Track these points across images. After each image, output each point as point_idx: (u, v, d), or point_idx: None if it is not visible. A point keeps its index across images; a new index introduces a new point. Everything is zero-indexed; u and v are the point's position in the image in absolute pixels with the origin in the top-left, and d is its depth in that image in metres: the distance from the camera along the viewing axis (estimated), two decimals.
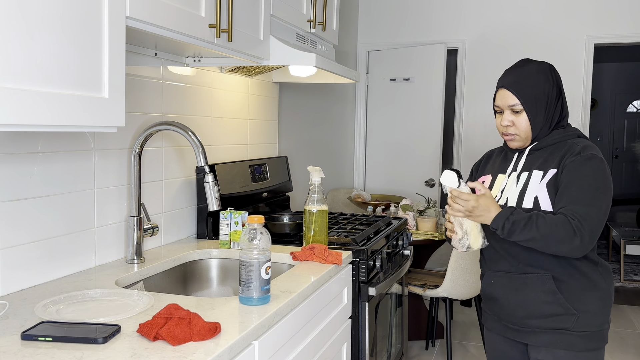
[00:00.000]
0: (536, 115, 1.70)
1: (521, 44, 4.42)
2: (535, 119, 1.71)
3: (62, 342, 1.14)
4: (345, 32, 4.41)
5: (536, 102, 1.70)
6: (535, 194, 1.68)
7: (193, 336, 1.17)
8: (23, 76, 1.04)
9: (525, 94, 1.70)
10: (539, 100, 1.70)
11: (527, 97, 1.70)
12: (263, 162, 2.68)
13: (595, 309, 1.69)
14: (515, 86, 1.71)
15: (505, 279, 1.76)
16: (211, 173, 1.79)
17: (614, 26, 4.24)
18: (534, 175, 1.71)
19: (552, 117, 1.73)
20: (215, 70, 2.40)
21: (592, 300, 1.69)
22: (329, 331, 1.84)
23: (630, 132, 10.32)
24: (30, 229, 1.52)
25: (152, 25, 1.42)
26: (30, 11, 1.05)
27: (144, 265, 1.80)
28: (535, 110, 1.70)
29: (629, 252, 5.53)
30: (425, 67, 4.47)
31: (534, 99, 1.70)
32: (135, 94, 1.92)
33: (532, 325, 1.72)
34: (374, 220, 2.68)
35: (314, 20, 2.48)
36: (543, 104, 1.70)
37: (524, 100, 1.69)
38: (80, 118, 1.17)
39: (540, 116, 1.71)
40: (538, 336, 1.71)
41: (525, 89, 1.70)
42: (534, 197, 1.68)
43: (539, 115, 1.71)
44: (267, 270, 1.43)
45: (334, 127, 4.24)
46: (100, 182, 1.78)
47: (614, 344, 3.86)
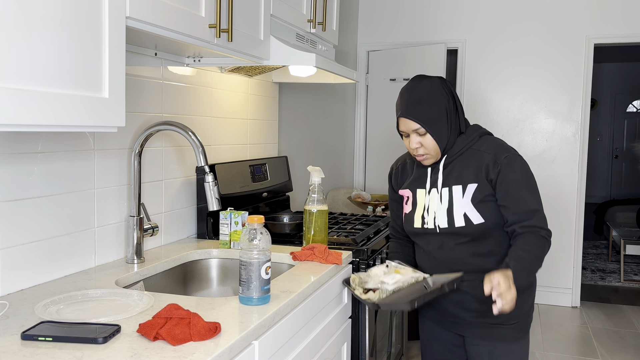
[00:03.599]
0: (440, 132, 1.74)
1: (521, 44, 4.42)
2: (440, 136, 1.75)
3: (62, 342, 1.14)
4: (345, 32, 4.41)
5: (437, 121, 1.73)
6: (463, 211, 1.75)
7: (193, 336, 1.17)
8: (23, 76, 1.04)
9: (425, 117, 1.73)
10: (439, 119, 1.74)
11: (427, 119, 1.73)
12: (263, 162, 2.68)
13: (521, 302, 1.78)
14: (413, 112, 1.73)
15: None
16: (211, 173, 1.79)
17: (614, 26, 4.24)
18: (454, 191, 1.77)
19: (455, 127, 1.79)
20: (215, 70, 2.40)
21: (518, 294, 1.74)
22: (329, 331, 1.84)
23: (630, 132, 10.32)
24: (30, 229, 1.52)
25: (152, 25, 1.42)
26: (31, 11, 1.05)
27: (144, 265, 1.80)
28: (438, 129, 1.74)
29: (629, 252, 5.53)
30: (425, 67, 4.47)
31: (434, 119, 1.73)
32: (135, 94, 1.92)
33: (467, 318, 1.82)
34: (374, 220, 2.68)
35: (314, 20, 2.48)
36: (444, 120, 1.74)
37: (425, 123, 1.72)
38: (81, 118, 1.17)
39: (444, 132, 1.75)
40: (474, 329, 1.83)
41: (423, 113, 1.73)
42: (462, 214, 1.75)
43: (442, 132, 1.75)
44: (267, 270, 1.43)
45: (334, 127, 4.24)
46: (100, 182, 1.78)
47: (614, 344, 3.86)
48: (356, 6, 4.70)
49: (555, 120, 4.41)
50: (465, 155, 1.78)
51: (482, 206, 1.74)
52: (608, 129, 10.42)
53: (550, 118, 4.42)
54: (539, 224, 1.71)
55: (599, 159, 10.50)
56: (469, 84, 4.55)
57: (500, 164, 1.73)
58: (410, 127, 1.75)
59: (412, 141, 1.77)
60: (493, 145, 1.78)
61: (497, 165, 1.73)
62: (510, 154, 1.75)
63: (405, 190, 1.90)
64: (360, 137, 4.77)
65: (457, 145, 1.79)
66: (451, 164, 1.80)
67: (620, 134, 10.37)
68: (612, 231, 6.18)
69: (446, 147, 1.77)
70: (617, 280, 5.52)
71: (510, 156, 1.74)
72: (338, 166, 4.40)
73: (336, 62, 2.50)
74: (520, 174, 1.73)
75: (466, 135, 1.79)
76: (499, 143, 1.79)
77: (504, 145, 1.79)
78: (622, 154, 10.39)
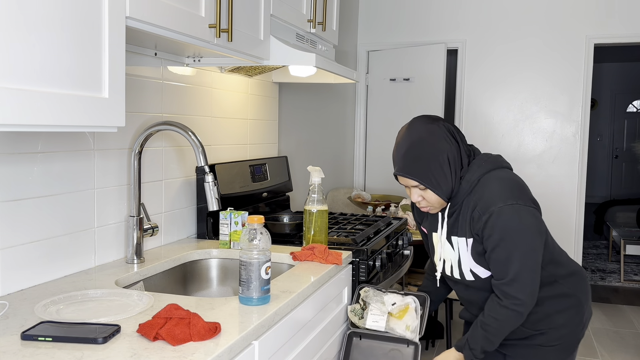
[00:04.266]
0: (441, 186, 1.61)
1: (521, 44, 4.42)
2: (443, 189, 1.62)
3: (62, 342, 1.14)
4: (345, 32, 4.41)
5: (437, 175, 1.60)
6: (469, 266, 1.68)
7: (193, 336, 1.17)
8: (23, 76, 1.04)
9: (423, 174, 1.60)
10: (439, 173, 1.60)
11: (426, 176, 1.60)
12: (263, 162, 2.68)
13: (565, 321, 1.73)
14: (411, 170, 1.61)
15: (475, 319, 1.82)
16: (211, 173, 1.79)
17: (614, 26, 4.24)
18: (460, 243, 1.67)
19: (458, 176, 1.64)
20: (215, 70, 2.40)
21: (561, 317, 1.73)
22: (329, 331, 1.84)
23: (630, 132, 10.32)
24: (30, 229, 1.52)
25: (152, 25, 1.42)
26: (31, 11, 1.05)
27: (144, 265, 1.80)
28: (439, 184, 1.61)
29: (629, 252, 5.54)
30: (425, 67, 4.47)
31: (434, 174, 1.60)
32: (135, 94, 1.92)
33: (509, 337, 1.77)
34: (374, 220, 2.68)
35: (314, 20, 2.48)
36: (446, 172, 1.60)
37: (424, 180, 1.60)
38: (81, 118, 1.17)
39: (447, 184, 1.62)
40: (514, 349, 1.78)
41: (421, 169, 1.60)
42: (469, 269, 1.68)
43: (444, 185, 1.61)
44: (267, 270, 1.43)
45: (334, 127, 4.24)
46: (100, 182, 1.78)
47: (614, 344, 3.86)
48: (356, 6, 4.70)
49: (555, 120, 4.41)
50: (465, 204, 1.64)
51: (483, 259, 1.65)
52: (608, 129, 10.42)
53: (550, 118, 4.42)
54: (511, 293, 1.58)
55: (599, 159, 10.50)
56: (469, 84, 4.55)
57: (483, 220, 1.57)
58: (409, 183, 1.64)
59: (413, 194, 1.66)
60: (486, 195, 1.59)
61: (480, 221, 1.58)
62: (496, 208, 1.55)
63: (424, 229, 1.85)
64: (360, 137, 4.77)
65: (460, 192, 1.64)
66: (455, 214, 1.68)
67: (620, 134, 10.37)
68: (612, 231, 6.18)
69: (451, 194, 1.65)
70: (617, 280, 5.52)
71: (495, 211, 1.55)
72: (338, 166, 4.40)
73: (336, 62, 2.50)
74: (500, 233, 1.55)
75: (467, 179, 1.63)
76: (493, 189, 1.59)
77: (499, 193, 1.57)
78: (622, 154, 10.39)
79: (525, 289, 1.58)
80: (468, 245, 1.65)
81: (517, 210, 1.55)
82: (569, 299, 1.73)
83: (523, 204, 1.56)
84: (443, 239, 1.72)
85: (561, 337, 1.73)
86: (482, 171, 1.63)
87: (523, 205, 1.56)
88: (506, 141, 4.50)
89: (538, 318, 1.71)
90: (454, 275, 1.74)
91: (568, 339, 1.74)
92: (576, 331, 1.75)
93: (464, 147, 1.65)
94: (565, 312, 1.73)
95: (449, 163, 1.60)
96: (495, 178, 1.61)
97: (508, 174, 1.65)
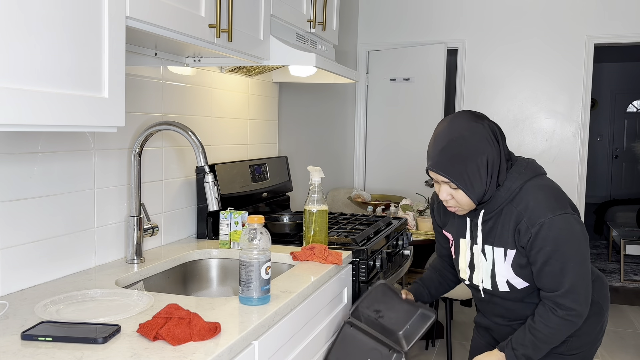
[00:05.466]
0: (475, 189, 1.52)
1: (521, 44, 4.42)
2: (475, 192, 1.53)
3: (62, 342, 1.14)
4: (345, 32, 4.41)
5: (473, 178, 1.51)
6: (506, 277, 1.60)
7: (193, 336, 1.17)
8: (23, 76, 1.04)
9: (459, 174, 1.51)
10: (476, 175, 1.51)
11: (461, 176, 1.51)
12: (263, 162, 2.68)
13: (587, 328, 1.69)
14: (445, 167, 1.52)
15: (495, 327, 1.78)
16: (211, 173, 1.79)
17: (614, 26, 4.24)
18: (496, 253, 1.60)
19: (494, 180, 1.55)
20: (215, 70, 2.40)
21: (584, 324, 1.68)
22: (329, 331, 1.84)
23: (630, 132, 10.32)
24: (30, 229, 1.52)
25: (152, 25, 1.42)
26: (31, 11, 1.05)
27: (144, 265, 1.80)
28: (471, 185, 1.52)
29: (629, 252, 5.54)
30: (425, 67, 4.47)
31: (469, 176, 1.51)
32: (135, 94, 1.92)
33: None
34: (374, 220, 2.68)
35: (314, 20, 2.48)
36: (483, 175, 1.52)
37: (458, 180, 1.51)
38: (81, 118, 1.17)
39: (480, 188, 1.53)
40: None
41: (457, 169, 1.51)
42: (505, 280, 1.61)
43: (478, 188, 1.52)
44: (267, 270, 1.43)
45: (334, 127, 4.24)
46: (100, 182, 1.78)
47: (614, 344, 3.86)
48: (356, 6, 4.70)
49: (555, 120, 4.41)
50: (505, 213, 1.56)
51: (525, 271, 1.58)
52: (608, 129, 10.42)
53: (550, 118, 4.42)
54: (566, 304, 1.52)
55: (599, 159, 10.50)
56: (469, 84, 4.55)
57: (532, 233, 1.50)
58: (439, 179, 1.55)
59: (442, 192, 1.57)
60: (532, 205, 1.52)
61: (529, 233, 1.51)
62: (546, 220, 1.49)
63: (449, 234, 1.76)
64: (360, 137, 4.77)
65: (497, 199, 1.55)
66: (491, 221, 1.60)
67: (620, 134, 10.37)
68: (612, 231, 6.18)
69: (483, 198, 1.55)
70: (617, 280, 5.52)
71: (546, 222, 1.49)
72: (338, 166, 4.40)
73: (336, 62, 2.50)
74: (553, 244, 1.49)
75: (507, 187, 1.55)
76: (539, 199, 1.52)
77: (546, 204, 1.51)
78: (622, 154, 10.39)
79: (581, 299, 1.53)
80: (507, 256, 1.58)
81: (567, 220, 1.50)
82: (593, 305, 1.69)
83: (570, 213, 1.52)
84: (477, 248, 1.64)
85: (582, 345, 1.68)
86: (523, 179, 1.56)
87: (570, 215, 1.51)
88: (506, 141, 4.50)
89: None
90: (484, 285, 1.67)
91: (588, 348, 1.70)
92: (596, 339, 1.71)
93: (505, 151, 1.57)
94: (587, 319, 1.68)
95: (487, 166, 1.51)
96: (537, 187, 1.55)
97: (548, 181, 1.60)
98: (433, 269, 1.95)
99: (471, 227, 1.65)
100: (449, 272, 1.93)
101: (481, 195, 1.54)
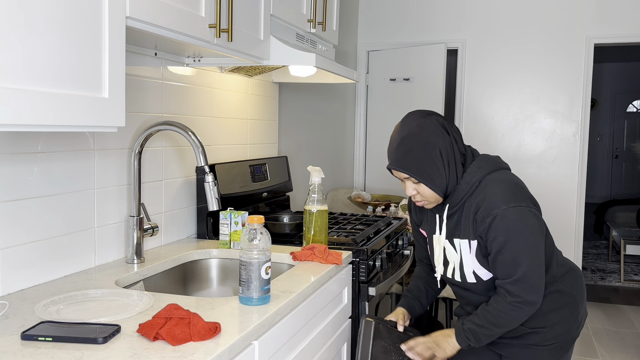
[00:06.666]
0: (435, 180, 1.59)
1: (521, 44, 4.42)
2: (437, 184, 1.60)
3: (62, 342, 1.14)
4: (345, 32, 4.41)
5: (429, 169, 1.58)
6: (472, 269, 1.67)
7: (193, 336, 1.17)
8: (23, 76, 1.04)
9: (415, 167, 1.59)
10: (432, 166, 1.58)
11: (418, 169, 1.59)
12: (263, 162, 2.68)
13: (560, 319, 1.73)
14: (402, 163, 1.60)
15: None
16: (211, 173, 1.79)
17: (614, 26, 4.24)
18: (462, 245, 1.67)
19: (455, 171, 1.62)
20: (215, 70, 2.40)
21: (557, 315, 1.73)
22: (329, 331, 1.84)
23: (630, 132, 10.33)
24: (30, 229, 1.52)
25: (152, 25, 1.42)
26: (31, 11, 1.05)
27: (144, 265, 1.80)
28: (432, 178, 1.59)
29: (629, 252, 5.54)
30: (425, 67, 4.47)
31: (426, 168, 1.58)
32: (135, 94, 1.92)
33: (505, 338, 1.77)
34: (374, 220, 2.68)
35: (314, 20, 2.48)
36: (439, 166, 1.59)
37: (415, 173, 1.59)
38: (81, 118, 1.17)
39: (440, 178, 1.60)
40: (510, 349, 1.77)
41: (413, 162, 1.59)
42: (472, 271, 1.68)
43: (438, 179, 1.60)
44: (267, 270, 1.43)
45: (334, 127, 4.24)
46: (100, 182, 1.78)
47: (614, 344, 3.86)
48: (356, 6, 4.70)
49: (555, 120, 4.41)
50: (467, 206, 1.63)
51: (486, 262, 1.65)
52: (608, 129, 10.42)
53: (550, 118, 4.42)
54: (515, 292, 1.58)
55: (599, 159, 10.50)
56: (469, 84, 4.55)
57: (487, 223, 1.57)
58: (401, 176, 1.64)
59: (407, 188, 1.65)
60: (488, 197, 1.58)
61: (484, 223, 1.58)
62: (500, 211, 1.55)
63: (424, 231, 1.83)
64: (360, 137, 4.77)
65: (459, 193, 1.63)
66: (455, 215, 1.67)
67: (620, 134, 10.37)
68: (612, 231, 6.18)
69: (447, 190, 1.63)
70: (617, 280, 5.52)
71: (499, 213, 1.55)
72: (338, 166, 4.40)
73: (336, 62, 2.50)
74: (505, 235, 1.55)
75: (467, 180, 1.62)
76: (495, 191, 1.58)
77: (502, 196, 1.57)
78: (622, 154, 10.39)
79: (530, 289, 1.59)
80: (471, 247, 1.65)
81: (521, 212, 1.56)
82: (564, 296, 1.74)
83: (525, 206, 1.57)
84: (444, 241, 1.71)
85: (557, 336, 1.73)
86: (482, 172, 1.63)
87: (525, 207, 1.57)
88: (506, 141, 4.50)
89: (533, 316, 1.72)
90: (454, 278, 1.74)
91: (563, 338, 1.74)
92: (571, 330, 1.75)
93: (459, 142, 1.64)
94: (560, 310, 1.73)
95: (441, 157, 1.59)
96: (496, 180, 1.61)
97: (508, 175, 1.66)
98: (417, 278, 1.97)
99: (439, 223, 1.72)
100: (432, 277, 1.94)
101: (444, 186, 1.61)
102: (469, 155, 1.67)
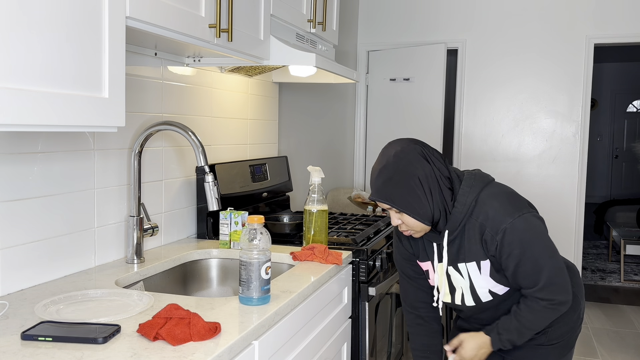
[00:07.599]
0: (418, 209, 1.54)
1: (521, 44, 4.42)
2: (420, 213, 1.55)
3: (62, 342, 1.14)
4: (345, 32, 4.41)
5: (410, 198, 1.53)
6: (487, 288, 1.64)
7: (193, 336, 1.17)
8: (24, 76, 1.04)
9: (395, 197, 1.54)
10: (412, 195, 1.53)
11: (398, 199, 1.54)
12: (263, 162, 2.68)
13: (564, 317, 1.73)
14: (382, 193, 1.55)
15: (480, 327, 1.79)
16: (211, 173, 1.79)
17: (614, 26, 4.24)
18: (470, 269, 1.63)
19: (442, 199, 1.56)
20: (215, 70, 2.40)
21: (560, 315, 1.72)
22: (329, 331, 1.84)
23: (630, 132, 10.33)
24: (30, 229, 1.52)
25: (152, 25, 1.42)
26: (32, 11, 1.05)
27: (144, 265, 1.80)
28: (414, 207, 1.54)
29: (629, 252, 5.54)
30: (425, 67, 4.47)
31: (406, 197, 1.53)
32: (135, 94, 1.92)
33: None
34: (374, 220, 2.68)
35: (314, 20, 2.48)
36: (421, 194, 1.54)
37: (396, 203, 1.54)
38: (81, 118, 1.17)
39: (424, 207, 1.54)
40: (516, 351, 1.76)
41: (392, 192, 1.54)
42: (487, 291, 1.65)
43: (421, 208, 1.54)
44: (267, 270, 1.43)
45: (334, 127, 4.24)
46: (100, 182, 1.78)
47: (614, 344, 3.86)
48: (356, 6, 4.70)
49: (555, 120, 4.41)
50: (468, 228, 1.59)
51: (504, 277, 1.62)
52: (608, 129, 10.42)
53: (550, 118, 4.42)
54: (547, 297, 1.58)
55: (599, 159, 10.50)
56: (469, 84, 4.55)
57: (497, 240, 1.55)
58: (384, 206, 1.59)
59: (392, 218, 1.61)
60: (491, 214, 1.55)
61: (494, 241, 1.55)
62: (507, 225, 1.53)
63: (423, 263, 1.75)
64: (360, 137, 4.77)
65: (456, 217, 1.58)
66: (457, 239, 1.62)
67: (620, 134, 10.37)
68: (612, 231, 6.18)
69: (434, 218, 1.57)
70: (617, 280, 5.52)
71: (508, 228, 1.53)
72: (338, 166, 4.40)
73: (336, 62, 2.50)
74: (520, 246, 1.54)
75: (462, 202, 1.57)
76: (496, 207, 1.55)
77: (504, 210, 1.55)
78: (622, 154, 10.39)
79: (559, 289, 1.59)
80: (482, 268, 1.61)
81: (527, 219, 1.55)
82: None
83: (527, 212, 1.56)
84: (450, 268, 1.66)
85: (562, 335, 1.73)
86: (475, 191, 1.59)
87: (528, 214, 1.56)
88: (506, 141, 4.50)
89: None
90: (465, 303, 1.69)
91: (568, 336, 1.75)
92: (575, 327, 1.76)
93: (442, 168, 1.58)
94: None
95: (422, 185, 1.53)
96: (491, 195, 1.59)
97: (499, 187, 1.64)
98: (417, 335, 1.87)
99: (439, 250, 1.67)
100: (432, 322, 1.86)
101: (429, 215, 1.55)
102: (454, 178, 1.61)
